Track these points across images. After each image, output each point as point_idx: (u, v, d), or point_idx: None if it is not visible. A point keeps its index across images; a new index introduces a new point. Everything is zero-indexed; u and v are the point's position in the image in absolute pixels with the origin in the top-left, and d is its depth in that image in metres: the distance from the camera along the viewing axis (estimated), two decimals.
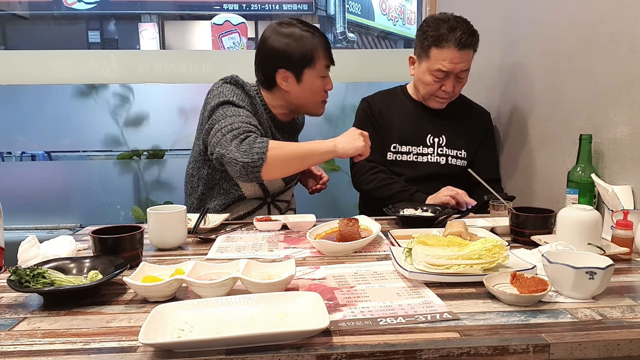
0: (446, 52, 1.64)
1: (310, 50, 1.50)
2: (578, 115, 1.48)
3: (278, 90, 1.56)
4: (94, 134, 2.73)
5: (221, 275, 0.89)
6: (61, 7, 9.44)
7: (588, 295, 0.83)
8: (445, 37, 1.63)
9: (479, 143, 1.83)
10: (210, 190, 1.60)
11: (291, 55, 1.50)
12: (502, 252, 0.94)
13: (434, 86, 1.71)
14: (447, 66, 1.65)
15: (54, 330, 0.75)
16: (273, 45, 1.51)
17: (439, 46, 1.64)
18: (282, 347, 0.67)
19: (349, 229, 1.18)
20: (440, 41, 1.64)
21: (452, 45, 1.62)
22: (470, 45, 1.65)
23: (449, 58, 1.64)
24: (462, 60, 1.65)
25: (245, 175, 1.37)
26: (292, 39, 1.50)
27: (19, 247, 1.10)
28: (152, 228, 1.18)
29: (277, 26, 1.54)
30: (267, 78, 1.55)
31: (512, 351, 0.68)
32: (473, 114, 1.87)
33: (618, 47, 1.31)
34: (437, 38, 1.64)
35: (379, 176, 1.74)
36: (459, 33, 1.62)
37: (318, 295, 0.78)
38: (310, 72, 1.52)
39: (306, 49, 1.50)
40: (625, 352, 0.71)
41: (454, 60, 1.64)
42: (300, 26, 1.53)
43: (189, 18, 10.64)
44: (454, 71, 1.66)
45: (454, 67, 1.65)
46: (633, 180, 1.26)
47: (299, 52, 1.50)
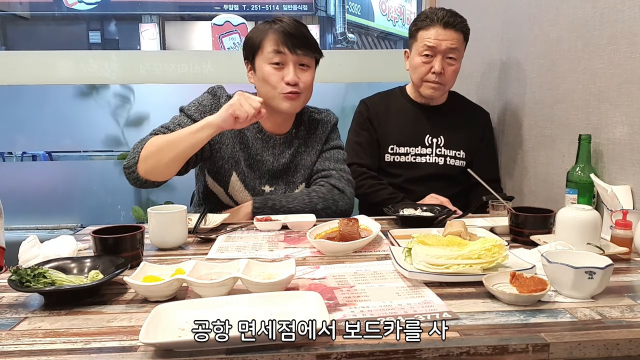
0: (431, 30, 1.70)
1: (258, 36, 1.44)
2: (577, 115, 1.48)
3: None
4: (94, 134, 2.74)
5: (221, 275, 0.89)
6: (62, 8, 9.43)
7: (587, 295, 0.84)
8: (430, 17, 1.71)
9: (478, 143, 1.84)
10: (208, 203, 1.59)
11: (247, 45, 1.47)
12: (502, 251, 0.94)
13: (423, 68, 1.73)
14: (432, 42, 1.69)
15: (54, 329, 0.75)
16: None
17: (424, 27, 1.72)
18: (282, 346, 0.68)
19: (348, 228, 1.18)
20: (425, 21, 1.72)
21: (435, 23, 1.70)
22: (454, 25, 1.70)
23: (433, 35, 1.70)
24: (447, 37, 1.69)
25: (130, 180, 1.35)
26: (253, 30, 1.48)
27: (20, 247, 1.10)
28: (153, 228, 1.18)
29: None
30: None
31: (511, 351, 0.68)
32: (472, 114, 1.87)
33: (617, 47, 1.31)
34: (423, 20, 1.72)
35: (368, 182, 1.75)
36: (442, 12, 1.71)
37: (318, 294, 0.78)
38: (259, 59, 1.45)
39: (255, 35, 1.46)
40: (624, 351, 0.71)
41: (438, 37, 1.69)
42: (270, 20, 1.47)
43: (189, 19, 10.64)
44: (440, 48, 1.69)
45: (438, 43, 1.69)
46: (632, 180, 1.26)
47: (251, 39, 1.46)
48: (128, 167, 1.34)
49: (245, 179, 1.52)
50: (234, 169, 1.51)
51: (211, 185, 1.55)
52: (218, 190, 1.54)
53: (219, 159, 1.50)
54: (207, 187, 1.56)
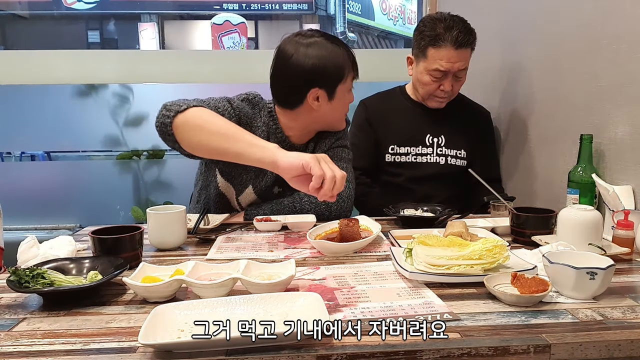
0: (443, 51, 1.63)
1: (342, 64, 1.38)
2: (579, 115, 1.47)
3: (304, 110, 1.42)
4: (93, 134, 2.74)
5: (221, 275, 0.89)
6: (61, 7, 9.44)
7: (589, 295, 0.83)
8: (442, 36, 1.62)
9: (479, 142, 1.83)
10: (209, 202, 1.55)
11: (327, 73, 1.37)
12: (503, 252, 0.94)
13: (432, 86, 1.71)
14: (445, 66, 1.64)
15: (53, 330, 0.75)
16: (304, 63, 1.35)
17: (436, 46, 1.64)
18: (282, 347, 0.67)
19: (349, 229, 1.18)
20: (437, 41, 1.63)
21: (448, 44, 1.62)
22: (467, 44, 1.65)
23: (446, 57, 1.64)
24: (460, 59, 1.65)
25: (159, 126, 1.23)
26: (324, 54, 1.36)
27: (19, 248, 1.10)
28: (152, 228, 1.18)
29: (298, 39, 1.38)
30: (294, 98, 1.41)
31: (512, 352, 0.68)
32: (473, 114, 1.87)
33: (619, 47, 1.30)
34: (434, 38, 1.64)
35: (358, 189, 1.66)
36: (456, 32, 1.62)
37: (318, 295, 0.78)
38: (342, 87, 1.41)
39: (339, 63, 1.38)
40: (626, 352, 0.70)
41: (451, 59, 1.64)
42: (324, 38, 1.39)
43: (188, 18, 10.64)
44: (452, 70, 1.66)
45: (451, 66, 1.65)
46: (634, 180, 1.26)
47: (333, 67, 1.37)
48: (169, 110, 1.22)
49: (259, 185, 1.49)
50: (250, 182, 1.48)
51: (223, 187, 1.50)
52: (229, 193, 1.51)
53: (239, 166, 1.43)
54: (217, 188, 1.50)
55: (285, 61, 1.38)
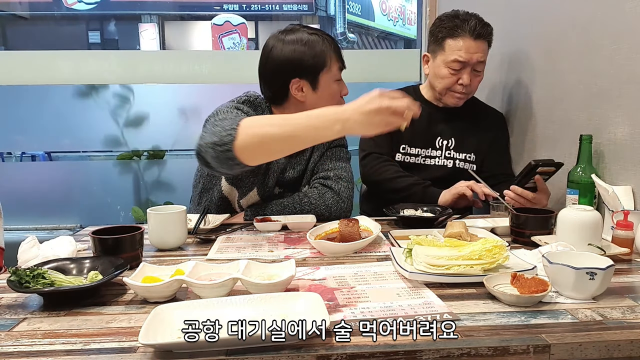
0: (461, 41, 1.63)
1: (322, 53, 1.40)
2: (578, 116, 1.48)
3: (291, 104, 1.45)
4: (94, 134, 2.74)
5: (221, 275, 0.89)
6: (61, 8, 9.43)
7: (588, 295, 0.83)
8: (460, 26, 1.63)
9: (490, 145, 1.79)
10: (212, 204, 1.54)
11: (304, 62, 1.39)
12: (503, 252, 0.94)
13: (450, 79, 1.68)
14: (464, 56, 1.62)
15: (54, 330, 0.75)
16: (282, 54, 1.39)
17: (454, 36, 1.63)
18: (282, 347, 0.67)
19: (349, 229, 1.18)
20: (455, 30, 1.63)
21: (467, 34, 1.62)
22: (485, 36, 1.64)
23: (465, 47, 1.62)
24: (478, 50, 1.63)
25: (218, 161, 1.11)
26: (302, 44, 1.39)
27: (19, 248, 1.10)
28: (152, 228, 1.18)
29: (279, 34, 1.43)
30: (278, 92, 1.44)
31: (512, 352, 0.68)
32: (485, 116, 1.84)
33: (619, 47, 1.31)
34: (452, 28, 1.64)
35: (392, 168, 1.70)
36: (473, 22, 1.62)
37: (318, 295, 0.78)
38: (326, 77, 1.42)
39: (318, 52, 1.40)
40: (625, 352, 0.71)
41: (469, 49, 1.62)
42: (305, 30, 1.43)
43: (189, 18, 10.64)
44: (471, 62, 1.64)
45: (470, 57, 1.63)
46: (633, 181, 1.26)
47: (312, 56, 1.39)
48: (222, 144, 1.09)
49: (263, 188, 1.49)
50: (256, 185, 1.48)
51: (226, 191, 1.49)
52: (232, 196, 1.50)
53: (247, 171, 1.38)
54: (221, 192, 1.50)
55: (267, 55, 1.43)
